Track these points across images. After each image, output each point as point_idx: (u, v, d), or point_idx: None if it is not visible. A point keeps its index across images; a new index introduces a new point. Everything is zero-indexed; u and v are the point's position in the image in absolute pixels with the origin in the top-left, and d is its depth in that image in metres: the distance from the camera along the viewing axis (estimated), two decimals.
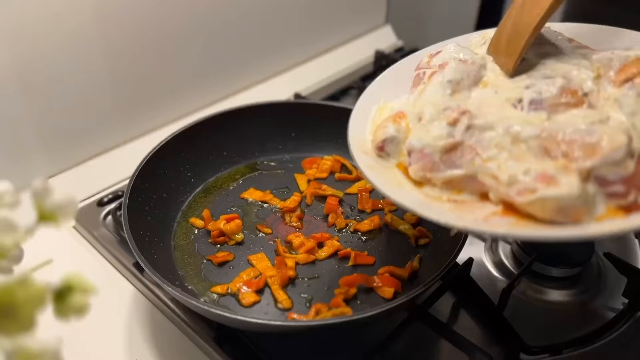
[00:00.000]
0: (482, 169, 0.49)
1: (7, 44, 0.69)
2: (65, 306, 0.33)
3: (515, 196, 0.46)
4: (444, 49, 0.61)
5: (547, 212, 0.45)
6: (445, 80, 0.56)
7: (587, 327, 0.63)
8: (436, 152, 0.51)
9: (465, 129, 0.51)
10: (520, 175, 0.47)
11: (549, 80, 0.53)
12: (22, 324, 0.28)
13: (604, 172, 0.46)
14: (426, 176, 0.52)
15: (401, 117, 0.56)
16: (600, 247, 0.72)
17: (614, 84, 0.53)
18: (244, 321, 0.52)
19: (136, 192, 0.66)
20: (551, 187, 0.45)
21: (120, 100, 0.83)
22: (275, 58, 1.04)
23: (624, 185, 0.46)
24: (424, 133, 0.52)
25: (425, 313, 0.62)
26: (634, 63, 0.54)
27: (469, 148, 0.50)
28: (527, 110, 0.52)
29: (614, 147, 0.46)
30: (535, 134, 0.49)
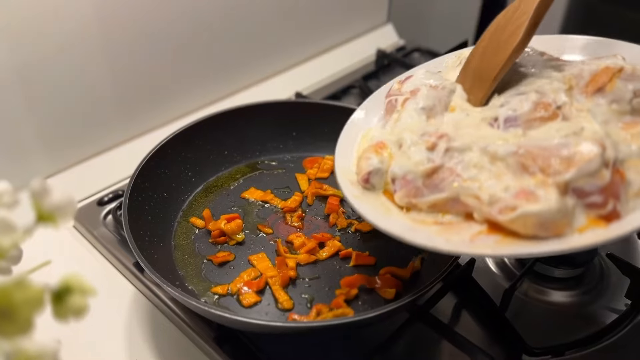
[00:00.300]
0: (463, 190, 0.50)
1: (7, 43, 0.68)
2: (64, 307, 0.33)
3: (497, 215, 0.47)
4: (414, 75, 0.62)
5: (529, 227, 0.46)
6: (419, 107, 0.58)
7: (589, 329, 0.62)
8: (418, 178, 0.52)
9: (444, 152, 0.52)
10: (500, 193, 0.48)
11: (523, 97, 0.54)
12: (20, 326, 0.27)
13: (581, 183, 0.46)
14: (411, 202, 0.53)
15: (382, 147, 0.57)
16: (603, 248, 0.71)
17: (586, 95, 0.54)
18: (245, 322, 0.52)
19: (136, 192, 0.66)
20: (531, 203, 0.46)
21: (120, 99, 0.83)
22: (276, 57, 1.04)
23: (602, 195, 0.46)
24: (405, 160, 0.54)
25: (427, 314, 0.62)
26: (604, 72, 0.55)
27: (449, 170, 0.51)
28: (503, 128, 0.53)
29: (588, 159, 0.46)
30: (512, 151, 0.49)
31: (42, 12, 0.70)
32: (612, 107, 0.53)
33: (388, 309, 0.52)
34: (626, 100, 0.53)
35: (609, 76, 0.54)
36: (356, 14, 1.15)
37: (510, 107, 0.54)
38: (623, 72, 0.54)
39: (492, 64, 0.58)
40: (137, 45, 0.81)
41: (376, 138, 0.59)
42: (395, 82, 0.64)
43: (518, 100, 0.54)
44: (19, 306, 0.27)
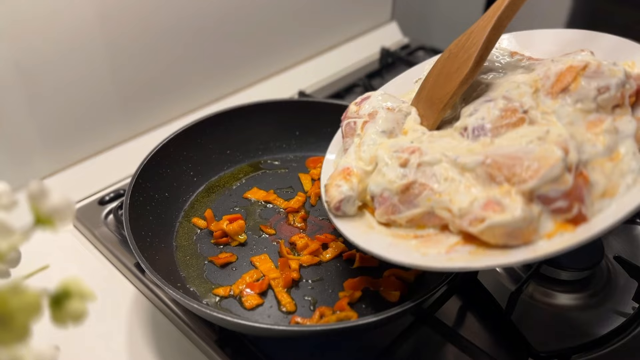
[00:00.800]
0: (437, 204, 0.51)
1: (8, 42, 0.68)
2: (62, 313, 0.32)
3: (467, 226, 0.49)
4: (371, 97, 0.64)
5: (498, 237, 0.48)
6: (380, 131, 0.60)
7: (596, 332, 0.61)
8: (394, 195, 0.54)
9: (416, 167, 0.53)
10: (469, 205, 0.49)
11: (491, 104, 0.55)
12: (17, 333, 0.27)
13: (544, 190, 0.47)
14: (390, 218, 0.55)
15: (349, 173, 0.58)
16: (610, 250, 0.70)
17: (552, 96, 0.54)
18: (247, 325, 0.51)
19: (138, 192, 0.65)
20: (497, 214, 0.47)
21: (121, 97, 0.82)
22: (279, 55, 1.03)
23: (566, 199, 0.47)
24: (381, 178, 0.55)
25: (432, 317, 0.61)
26: (568, 71, 0.55)
27: (422, 185, 0.52)
28: (472, 138, 0.54)
29: (550, 165, 0.47)
30: (480, 162, 0.50)
31: (43, 11, 0.69)
32: (577, 106, 0.53)
33: (392, 312, 0.51)
34: (590, 99, 0.52)
35: (573, 75, 0.54)
36: (360, 12, 1.14)
37: (479, 115, 0.55)
38: (587, 69, 0.54)
39: (442, 93, 0.59)
40: (139, 44, 0.80)
41: (342, 164, 0.59)
42: (352, 104, 0.65)
43: (486, 108, 0.55)
44: (15, 312, 0.27)
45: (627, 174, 0.49)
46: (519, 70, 0.60)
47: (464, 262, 0.48)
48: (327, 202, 0.58)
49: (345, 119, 0.64)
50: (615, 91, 0.53)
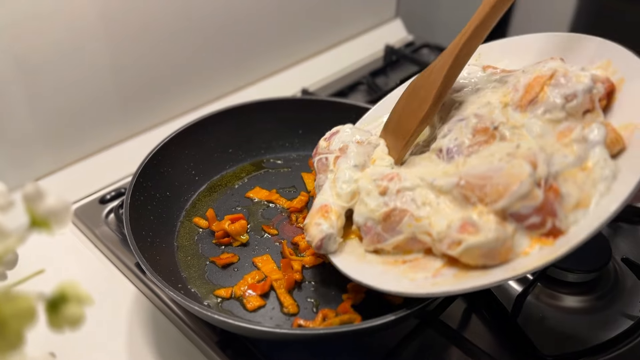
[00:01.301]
0: (418, 229, 0.52)
1: (7, 40, 0.67)
2: (59, 317, 0.31)
3: (447, 250, 0.49)
4: (340, 131, 0.65)
5: (476, 259, 0.48)
6: (352, 165, 0.60)
7: (603, 336, 0.60)
8: (377, 224, 0.55)
9: (395, 193, 0.54)
10: (447, 228, 0.50)
11: (463, 123, 0.56)
12: (10, 341, 0.26)
13: (516, 208, 0.47)
14: (377, 247, 0.55)
15: (327, 210, 0.58)
16: (618, 251, 0.69)
17: (520, 109, 0.54)
18: (248, 328, 0.51)
19: (138, 191, 0.64)
20: (472, 236, 0.47)
21: (123, 95, 0.81)
22: (281, 53, 1.02)
23: (539, 215, 0.47)
24: (363, 207, 0.56)
25: (436, 319, 0.60)
26: (536, 82, 0.55)
27: (403, 211, 0.53)
28: (446, 159, 0.55)
29: (518, 183, 0.47)
30: (454, 184, 0.51)
31: (43, 10, 0.68)
32: (546, 117, 0.53)
33: (397, 316, 0.50)
34: (559, 108, 0.52)
35: (540, 85, 0.54)
36: (364, 9, 1.13)
37: (452, 136, 0.55)
38: (554, 78, 0.54)
39: (405, 128, 0.60)
40: (139, 42, 0.80)
41: (319, 201, 0.60)
42: (321, 140, 0.65)
43: (459, 128, 0.56)
44: (9, 319, 0.26)
45: (599, 182, 0.48)
46: (491, 85, 0.60)
47: (449, 285, 0.49)
48: (308, 241, 0.58)
49: (316, 155, 0.65)
50: (582, 98, 0.52)
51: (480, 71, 0.62)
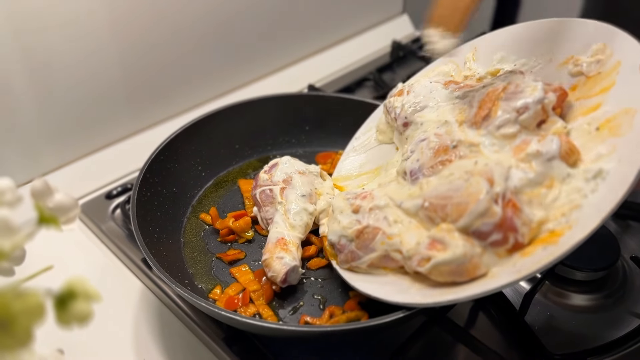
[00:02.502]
0: (390, 247, 0.53)
1: (17, 36, 0.67)
2: (67, 314, 0.31)
3: (416, 267, 0.50)
4: (278, 163, 0.67)
5: (445, 275, 0.49)
6: (300, 195, 0.63)
7: (611, 334, 0.60)
8: (350, 242, 0.55)
9: (368, 211, 0.55)
10: (416, 246, 0.50)
11: (424, 143, 0.57)
12: (19, 337, 0.26)
13: (476, 226, 0.48)
14: (352, 265, 0.56)
15: (286, 243, 0.59)
16: (627, 250, 0.69)
17: (476, 126, 0.55)
18: (255, 325, 0.50)
19: (145, 187, 0.64)
20: (441, 252, 0.48)
21: (129, 90, 0.81)
22: (288, 48, 1.01)
23: (500, 231, 0.48)
24: (336, 225, 0.57)
25: (443, 317, 0.60)
26: (488, 97, 0.55)
27: (375, 229, 0.54)
28: (411, 181, 0.56)
29: (475, 201, 0.48)
30: (420, 205, 0.52)
31: (51, 5, 0.68)
32: (500, 132, 0.53)
33: (404, 313, 0.50)
34: (512, 121, 0.53)
35: (493, 101, 0.54)
36: (371, 4, 1.12)
37: (414, 157, 0.57)
38: (506, 91, 0.54)
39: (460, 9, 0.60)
40: (147, 38, 0.79)
41: (274, 235, 0.61)
42: (261, 172, 0.67)
43: (420, 149, 0.57)
44: (17, 316, 0.26)
45: (565, 204, 0.48)
46: (452, 102, 0.60)
47: (455, 293, 0.48)
48: (272, 276, 0.58)
49: (257, 187, 0.66)
50: (534, 109, 0.52)
51: (442, 88, 0.63)
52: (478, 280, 0.48)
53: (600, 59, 0.55)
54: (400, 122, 0.63)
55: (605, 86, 0.53)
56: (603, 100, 0.52)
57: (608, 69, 0.53)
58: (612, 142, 0.49)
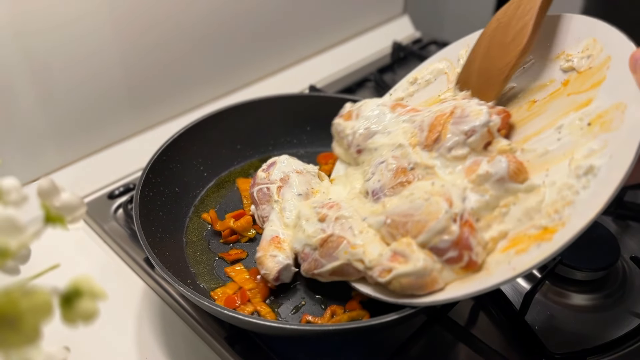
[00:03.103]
0: (352, 256, 0.54)
1: (19, 37, 0.67)
2: (72, 312, 0.32)
3: (377, 277, 0.52)
4: (277, 162, 0.67)
5: (404, 287, 0.51)
6: (296, 194, 0.64)
7: (611, 334, 0.60)
8: (314, 250, 0.56)
9: (334, 220, 0.56)
10: (378, 257, 0.52)
11: (383, 165, 0.59)
12: (27, 335, 0.26)
13: (434, 242, 0.50)
14: (314, 273, 0.57)
15: (279, 241, 0.60)
16: (627, 250, 0.69)
17: (428, 148, 0.58)
18: (258, 324, 0.51)
19: (148, 187, 0.64)
20: (402, 265, 0.50)
21: (132, 90, 0.82)
22: (289, 49, 1.02)
23: (456, 249, 0.50)
24: (301, 234, 0.58)
25: (444, 316, 0.60)
26: (437, 121, 0.58)
27: (340, 238, 0.55)
28: (373, 200, 0.58)
29: (435, 219, 0.50)
30: (382, 222, 0.54)
31: (52, 5, 0.68)
32: (451, 154, 0.56)
33: (405, 313, 0.50)
34: (461, 143, 0.56)
35: (442, 124, 0.57)
36: (371, 5, 1.13)
37: (375, 178, 0.59)
38: (453, 115, 0.57)
39: (500, 64, 0.59)
40: (149, 37, 0.80)
41: (269, 233, 0.61)
42: (259, 170, 0.68)
43: (380, 170, 0.59)
44: (25, 314, 0.26)
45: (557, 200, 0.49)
46: (400, 126, 0.62)
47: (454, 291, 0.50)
48: (265, 274, 0.58)
49: (255, 185, 0.66)
50: (480, 132, 0.55)
51: (389, 112, 0.65)
52: (475, 279, 0.49)
53: (590, 54, 0.55)
54: (354, 149, 0.66)
55: (596, 81, 0.53)
56: (594, 96, 0.52)
57: (598, 64, 0.54)
58: (604, 137, 0.49)
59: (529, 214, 0.50)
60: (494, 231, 0.51)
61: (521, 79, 0.61)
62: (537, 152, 0.53)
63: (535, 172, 0.53)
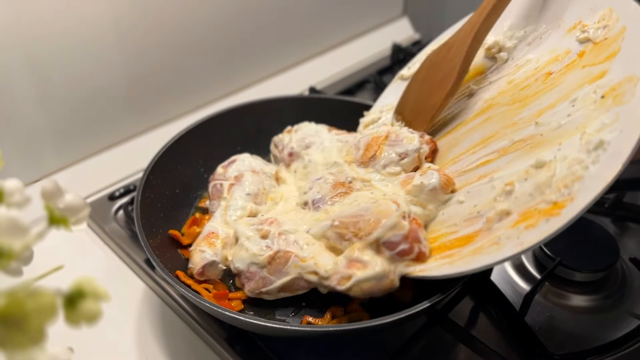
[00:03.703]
0: (304, 269, 0.55)
1: (19, 37, 0.67)
2: (76, 313, 0.32)
3: (336, 285, 0.53)
4: (237, 160, 0.68)
5: (365, 291, 0.53)
6: (245, 194, 0.64)
7: (610, 335, 0.61)
8: (261, 268, 0.56)
9: (277, 236, 0.57)
10: (334, 266, 0.54)
11: (321, 180, 0.62)
12: (32, 336, 0.26)
13: (388, 237, 0.53)
14: (262, 291, 0.57)
15: (214, 236, 0.60)
16: (626, 251, 0.69)
17: (364, 165, 0.63)
18: (258, 325, 0.51)
19: (149, 188, 0.64)
20: (361, 270, 0.52)
21: (132, 92, 0.82)
22: (289, 51, 1.02)
23: (407, 242, 0.53)
24: (244, 253, 0.57)
25: (445, 317, 0.60)
26: (374, 141, 0.63)
27: (287, 253, 0.56)
28: (313, 209, 0.60)
29: (387, 216, 0.54)
30: (329, 225, 0.56)
31: (54, 6, 0.68)
32: (386, 170, 0.61)
33: (405, 314, 0.50)
34: (395, 162, 0.61)
35: (378, 145, 0.63)
36: (371, 7, 1.13)
37: (314, 190, 0.61)
38: (388, 138, 0.63)
39: (429, 103, 0.64)
40: (150, 39, 0.80)
41: (208, 228, 0.62)
42: (219, 166, 0.69)
43: (319, 184, 0.62)
44: (31, 315, 0.26)
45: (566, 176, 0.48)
46: (335, 145, 0.67)
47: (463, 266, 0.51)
48: (190, 268, 0.59)
49: (212, 181, 0.67)
50: (412, 156, 0.61)
51: (326, 131, 0.71)
52: (485, 253, 0.49)
53: (606, 24, 0.54)
54: (287, 151, 0.70)
55: (611, 52, 0.52)
56: (609, 68, 0.52)
57: (614, 35, 0.53)
58: (616, 110, 0.48)
59: (540, 189, 0.49)
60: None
61: (538, 50, 0.61)
62: (551, 126, 0.53)
63: (548, 147, 0.52)
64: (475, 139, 0.60)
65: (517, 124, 0.57)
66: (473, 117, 0.63)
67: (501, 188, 0.53)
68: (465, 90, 0.65)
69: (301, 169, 0.68)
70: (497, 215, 0.51)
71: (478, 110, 0.63)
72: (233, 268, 0.58)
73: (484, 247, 0.50)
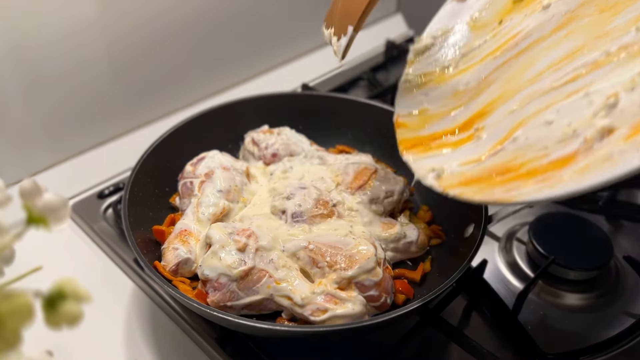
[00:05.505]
0: (277, 292, 0.54)
1: (7, 34, 0.66)
2: (56, 315, 0.31)
3: (309, 315, 0.53)
4: (206, 157, 0.67)
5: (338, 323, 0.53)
6: (216, 190, 0.63)
7: (604, 333, 0.60)
8: (232, 282, 0.54)
9: (254, 252, 0.55)
10: (311, 295, 0.53)
11: (305, 191, 0.62)
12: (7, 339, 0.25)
13: (361, 279, 0.54)
14: (227, 305, 0.55)
15: (188, 234, 0.60)
16: (619, 249, 0.69)
17: (351, 191, 0.64)
18: (248, 325, 0.50)
19: (137, 187, 0.64)
20: (339, 307, 0.53)
21: (122, 89, 0.81)
22: (282, 47, 1.01)
23: (377, 289, 0.54)
24: (217, 261, 0.55)
25: (437, 317, 0.60)
26: (364, 171, 0.65)
27: (262, 271, 0.55)
28: (290, 222, 0.60)
29: (366, 258, 0.54)
30: (302, 246, 0.56)
31: (43, 4, 0.67)
32: (372, 207, 0.63)
33: (397, 313, 0.50)
34: (380, 199, 0.63)
35: (368, 176, 0.65)
36: None
37: (296, 201, 0.61)
38: (377, 174, 0.65)
39: (354, 7, 0.63)
40: (138, 36, 0.79)
41: (180, 226, 0.61)
42: (188, 164, 0.68)
43: (302, 195, 0.61)
44: (5, 318, 0.25)
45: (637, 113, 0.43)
46: (316, 159, 0.68)
47: None
48: (163, 266, 0.58)
49: (181, 179, 0.66)
50: (398, 197, 0.64)
51: (307, 142, 0.73)
52: (596, 172, 0.41)
53: None
54: (271, 151, 0.70)
55: None
56: None
57: None
58: None
59: None
60: None
61: None
62: None
63: None
64: (558, 55, 0.52)
65: (611, 33, 0.49)
66: (550, 32, 0.55)
67: (602, 102, 0.45)
68: (536, 5, 0.58)
69: (279, 173, 0.67)
70: (598, 134, 0.43)
71: (556, 25, 0.55)
72: (200, 274, 0.55)
73: (592, 165, 0.42)
